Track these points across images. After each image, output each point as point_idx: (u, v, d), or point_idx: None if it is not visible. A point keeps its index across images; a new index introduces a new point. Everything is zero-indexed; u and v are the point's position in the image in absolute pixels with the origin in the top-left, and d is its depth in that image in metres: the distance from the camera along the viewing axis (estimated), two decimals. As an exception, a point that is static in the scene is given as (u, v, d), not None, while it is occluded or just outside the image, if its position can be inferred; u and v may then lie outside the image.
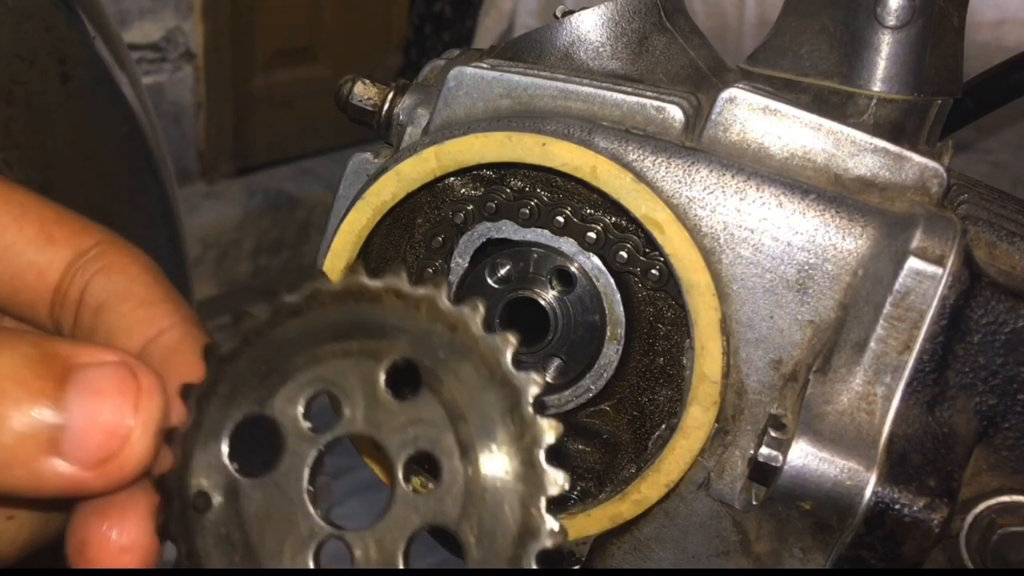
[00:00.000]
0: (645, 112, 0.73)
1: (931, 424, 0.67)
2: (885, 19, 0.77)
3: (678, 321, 0.77)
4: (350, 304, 0.52)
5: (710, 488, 0.73)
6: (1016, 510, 0.68)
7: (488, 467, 0.48)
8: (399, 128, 0.80)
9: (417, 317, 0.50)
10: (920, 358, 0.67)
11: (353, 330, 0.52)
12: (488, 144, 0.72)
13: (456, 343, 0.49)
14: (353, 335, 0.51)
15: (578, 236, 0.75)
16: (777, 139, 0.72)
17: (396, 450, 0.50)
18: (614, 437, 0.81)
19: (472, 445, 0.48)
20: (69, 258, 0.61)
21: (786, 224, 0.69)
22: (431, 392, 0.49)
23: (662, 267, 0.74)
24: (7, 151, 1.32)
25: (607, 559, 0.77)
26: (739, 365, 0.71)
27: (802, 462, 0.66)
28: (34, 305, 0.62)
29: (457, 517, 0.48)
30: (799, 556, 0.70)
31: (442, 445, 0.49)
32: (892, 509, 0.64)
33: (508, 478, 0.48)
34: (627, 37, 0.79)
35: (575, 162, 0.70)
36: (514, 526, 0.48)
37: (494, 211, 0.76)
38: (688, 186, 0.71)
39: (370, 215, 0.75)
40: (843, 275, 0.69)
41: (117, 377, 0.52)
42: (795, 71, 0.80)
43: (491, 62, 0.77)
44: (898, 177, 0.71)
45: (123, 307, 0.60)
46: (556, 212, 0.75)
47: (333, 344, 0.52)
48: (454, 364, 0.49)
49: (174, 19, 3.98)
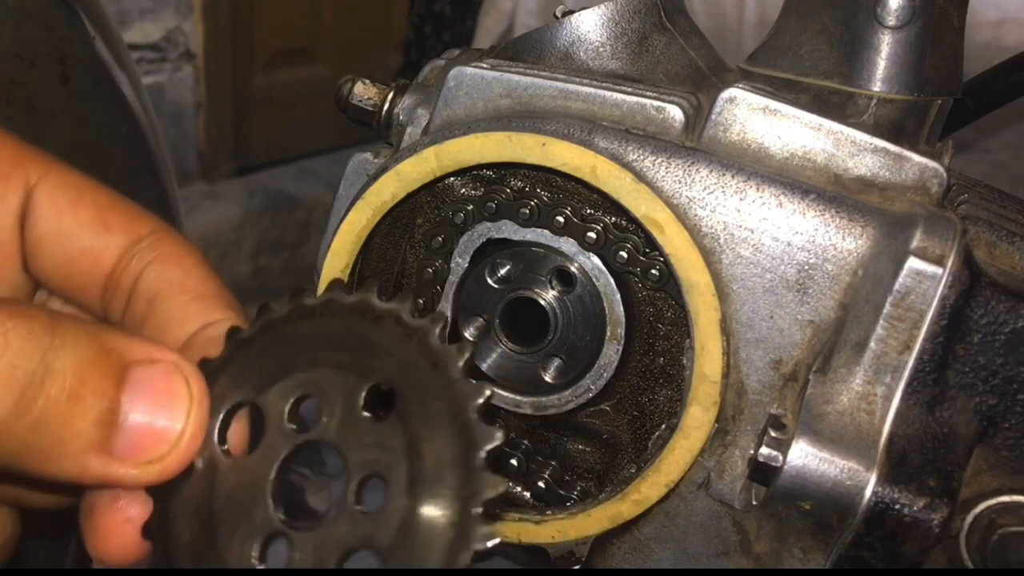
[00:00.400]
0: (645, 112, 0.73)
1: (931, 424, 0.67)
2: (885, 19, 0.77)
3: (678, 321, 0.77)
4: (356, 319, 0.54)
5: (710, 488, 0.73)
6: (1016, 510, 0.68)
7: (427, 508, 0.50)
8: (399, 128, 0.80)
9: (408, 347, 0.53)
10: (920, 358, 0.67)
11: (352, 344, 0.54)
12: (488, 144, 0.72)
13: (434, 380, 0.51)
14: (350, 349, 0.54)
15: (578, 236, 0.75)
16: (777, 139, 0.72)
17: (355, 467, 0.52)
18: (614, 437, 0.81)
19: (420, 482, 0.50)
20: (124, 245, 0.62)
21: (786, 224, 0.69)
22: (400, 421, 0.51)
23: (662, 267, 0.74)
24: (7, 151, 1.32)
25: (607, 559, 0.77)
26: (739, 365, 0.71)
27: (802, 462, 0.66)
28: (86, 290, 0.63)
29: (389, 546, 0.50)
30: (799, 556, 0.70)
31: (394, 474, 0.51)
32: (892, 509, 0.64)
33: (443, 523, 0.49)
34: (627, 37, 0.79)
35: (575, 162, 0.70)
36: (437, 567, 0.49)
37: (494, 211, 0.76)
38: (688, 186, 0.71)
39: (370, 215, 0.75)
40: (843, 275, 0.69)
41: (170, 380, 0.53)
42: (795, 71, 0.80)
43: (491, 62, 0.77)
44: (898, 177, 0.71)
45: (178, 299, 0.61)
46: (556, 212, 0.75)
47: (331, 353, 0.54)
48: (427, 399, 0.51)
49: (174, 19, 3.98)
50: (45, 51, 1.33)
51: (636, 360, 0.78)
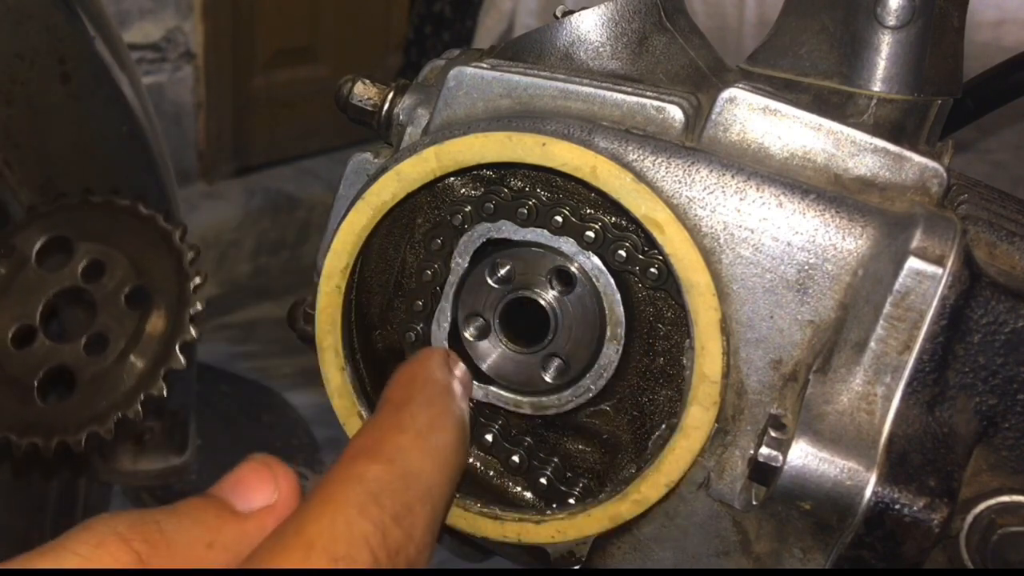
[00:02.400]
0: (645, 112, 0.73)
1: (931, 424, 0.67)
2: (885, 19, 0.77)
3: (678, 321, 0.77)
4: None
5: (710, 488, 0.73)
6: (1016, 510, 0.68)
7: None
8: (399, 128, 0.80)
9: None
10: (920, 358, 0.67)
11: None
12: (488, 144, 0.72)
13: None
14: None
15: (577, 236, 0.75)
16: (777, 139, 0.72)
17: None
18: (614, 437, 0.81)
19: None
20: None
21: (786, 224, 0.69)
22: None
23: (661, 265, 0.74)
24: (7, 151, 1.32)
25: (607, 559, 0.77)
26: (739, 365, 0.71)
27: (802, 462, 0.66)
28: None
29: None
30: (799, 556, 0.70)
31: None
32: (892, 509, 0.64)
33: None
34: (627, 37, 0.79)
35: (575, 162, 0.70)
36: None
37: (493, 211, 0.76)
38: (688, 186, 0.71)
39: (370, 215, 0.75)
40: (843, 275, 0.69)
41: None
42: (795, 71, 0.80)
43: (491, 62, 0.77)
44: (898, 177, 0.71)
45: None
46: (555, 212, 0.75)
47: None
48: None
49: (174, 19, 3.98)
50: (45, 51, 1.33)
51: (636, 360, 0.78)
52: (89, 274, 1.10)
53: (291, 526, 0.51)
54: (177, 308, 1.04)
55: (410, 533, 0.53)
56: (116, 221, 1.11)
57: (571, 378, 0.77)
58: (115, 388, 1.04)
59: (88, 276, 1.10)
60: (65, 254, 1.12)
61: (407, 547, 0.53)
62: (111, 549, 0.50)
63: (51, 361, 1.07)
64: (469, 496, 0.77)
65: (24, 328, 1.09)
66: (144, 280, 1.08)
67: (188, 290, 1.05)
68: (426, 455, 0.58)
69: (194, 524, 0.54)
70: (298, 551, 0.49)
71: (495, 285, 0.77)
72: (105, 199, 1.12)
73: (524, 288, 0.76)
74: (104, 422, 1.03)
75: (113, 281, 1.09)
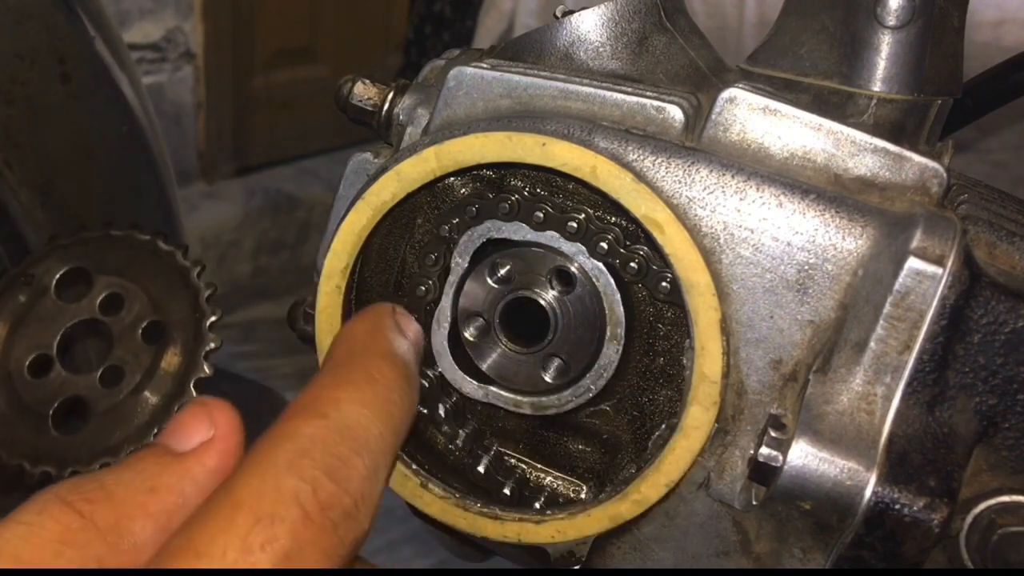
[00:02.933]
0: (645, 112, 0.73)
1: (931, 424, 0.67)
2: (885, 19, 0.77)
3: (678, 321, 0.77)
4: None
5: (710, 488, 0.73)
6: (1016, 510, 0.68)
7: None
8: (399, 128, 0.80)
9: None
10: (920, 358, 0.67)
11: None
12: (488, 144, 0.72)
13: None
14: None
15: (591, 246, 0.75)
16: (777, 139, 0.72)
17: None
18: (614, 437, 0.81)
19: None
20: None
21: (786, 224, 0.69)
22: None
23: (672, 281, 0.74)
24: (7, 151, 1.32)
25: (607, 559, 0.77)
26: (739, 365, 0.71)
27: (802, 462, 0.66)
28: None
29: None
30: (799, 556, 0.70)
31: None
32: (892, 509, 0.64)
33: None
34: (627, 37, 0.79)
35: (575, 162, 0.70)
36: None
37: (508, 212, 0.76)
38: (688, 186, 0.71)
39: (370, 215, 0.75)
40: (843, 275, 0.69)
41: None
42: (795, 71, 0.80)
43: (491, 62, 0.77)
44: (898, 177, 0.71)
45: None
46: (570, 218, 0.75)
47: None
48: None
49: (174, 19, 3.98)
50: (45, 51, 1.33)
51: (636, 360, 0.78)
52: (107, 307, 1.10)
53: (221, 490, 0.51)
54: (192, 345, 1.05)
55: (344, 487, 0.51)
56: (135, 255, 1.10)
57: (571, 378, 0.77)
58: (128, 422, 1.04)
59: (106, 309, 1.10)
60: (84, 286, 1.11)
61: (342, 499, 0.51)
62: (53, 512, 0.50)
63: (66, 391, 1.07)
64: (469, 496, 0.77)
65: (41, 357, 1.09)
66: (161, 315, 1.08)
67: (204, 327, 1.05)
68: (362, 407, 0.56)
69: (135, 475, 0.53)
70: (224, 512, 0.49)
71: (495, 285, 0.77)
72: (126, 233, 1.12)
73: (524, 288, 0.76)
74: (116, 454, 1.03)
75: (131, 315, 1.09)
